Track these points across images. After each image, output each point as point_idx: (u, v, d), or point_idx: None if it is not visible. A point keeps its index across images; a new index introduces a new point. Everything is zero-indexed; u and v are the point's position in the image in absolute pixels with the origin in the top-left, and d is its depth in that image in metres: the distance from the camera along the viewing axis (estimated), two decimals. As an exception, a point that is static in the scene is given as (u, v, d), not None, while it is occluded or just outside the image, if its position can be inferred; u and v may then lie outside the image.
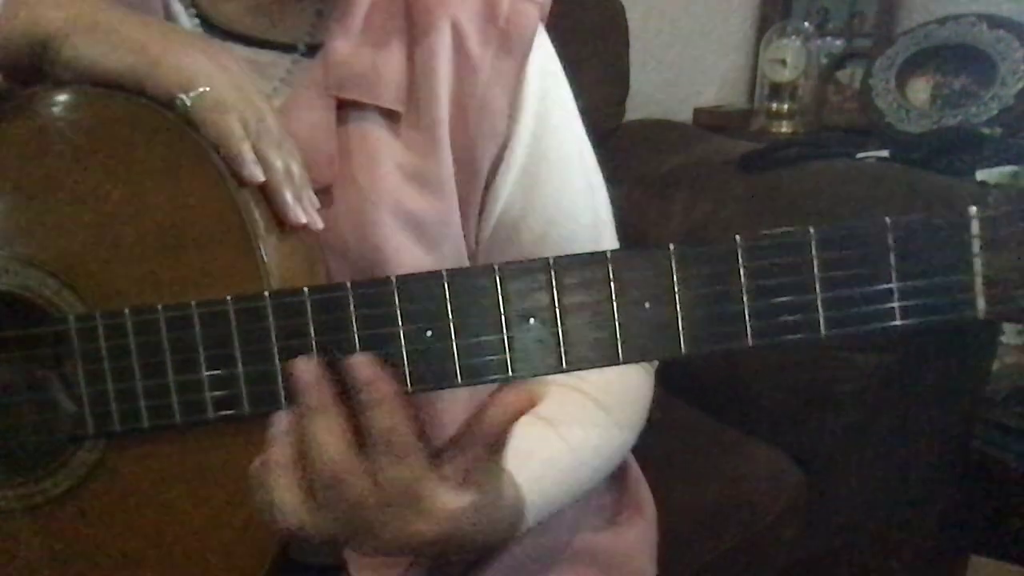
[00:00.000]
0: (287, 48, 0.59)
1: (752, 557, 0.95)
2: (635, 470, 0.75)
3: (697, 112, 1.79)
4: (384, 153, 0.56)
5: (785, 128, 1.67)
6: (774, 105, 1.69)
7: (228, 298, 0.45)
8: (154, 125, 0.48)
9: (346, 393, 0.43)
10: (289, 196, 0.48)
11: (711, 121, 1.74)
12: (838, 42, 1.73)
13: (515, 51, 0.58)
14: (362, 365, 0.42)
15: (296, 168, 0.49)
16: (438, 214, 0.58)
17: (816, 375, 1.00)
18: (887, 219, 0.40)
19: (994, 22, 1.37)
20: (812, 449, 1.03)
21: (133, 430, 0.47)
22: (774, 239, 0.41)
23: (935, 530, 1.24)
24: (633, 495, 0.73)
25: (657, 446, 0.68)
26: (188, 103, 0.46)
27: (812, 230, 0.41)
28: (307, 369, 0.42)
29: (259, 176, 0.47)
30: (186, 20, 0.58)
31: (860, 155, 1.26)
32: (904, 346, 0.98)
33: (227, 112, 0.46)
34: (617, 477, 0.71)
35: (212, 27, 0.59)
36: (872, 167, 1.20)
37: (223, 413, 0.46)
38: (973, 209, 0.40)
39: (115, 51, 0.47)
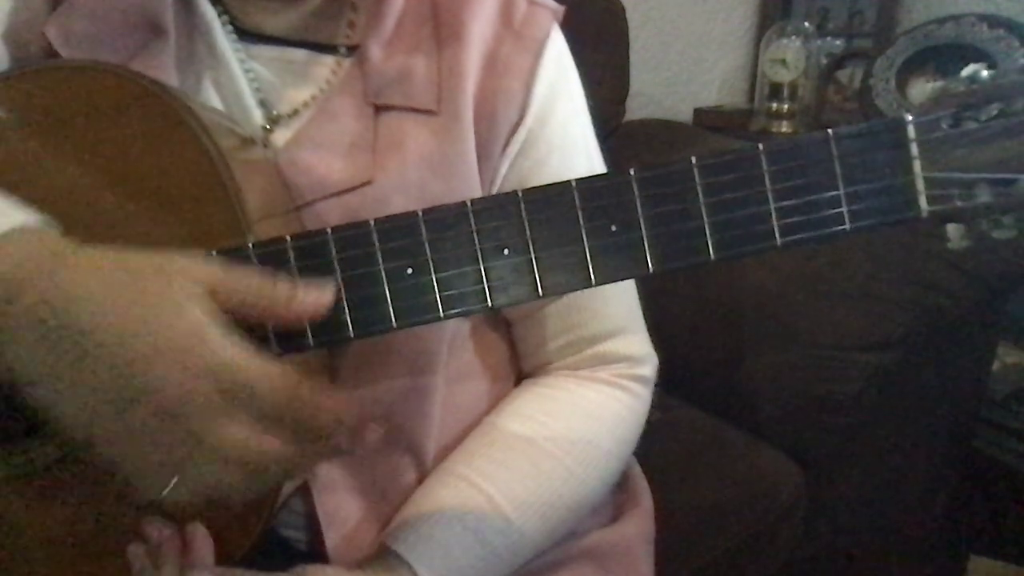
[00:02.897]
0: (328, 48, 0.61)
1: (752, 557, 0.95)
2: (634, 467, 0.75)
3: (697, 112, 1.79)
4: (412, 146, 0.58)
5: (785, 128, 1.67)
6: (774, 105, 1.69)
7: (213, 251, 0.45)
8: (133, 93, 0.49)
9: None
10: None
11: (711, 121, 1.74)
12: (838, 42, 1.72)
13: (529, 49, 0.62)
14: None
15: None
16: (461, 199, 0.59)
17: (816, 375, 1.00)
18: (829, 130, 0.43)
19: (994, 22, 1.36)
20: (812, 449, 1.03)
21: None
22: (727, 156, 0.44)
23: (935, 530, 1.24)
24: (632, 491, 0.73)
25: (657, 446, 0.68)
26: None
27: (761, 145, 0.43)
28: (161, 528, 0.50)
29: None
30: (219, 27, 0.58)
31: (860, 155, 1.26)
32: (904, 346, 0.98)
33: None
34: (620, 481, 0.71)
35: (245, 32, 0.60)
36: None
37: None
38: (909, 116, 0.43)
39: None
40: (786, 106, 1.68)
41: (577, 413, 0.63)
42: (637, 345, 0.67)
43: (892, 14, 1.68)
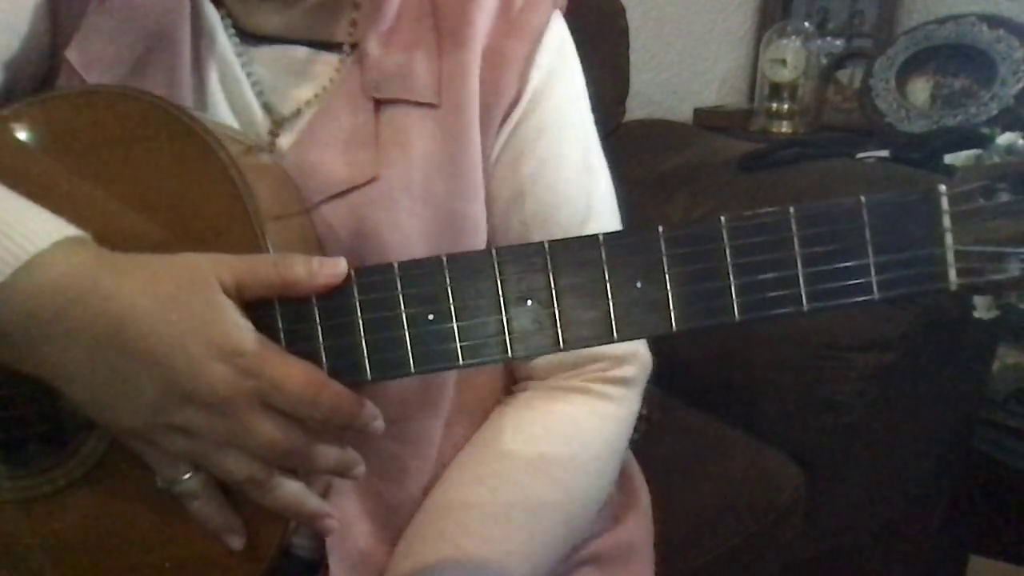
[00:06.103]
0: (330, 46, 0.60)
1: (752, 557, 0.95)
2: (633, 466, 0.75)
3: (697, 112, 1.79)
4: (415, 144, 0.58)
5: (785, 128, 1.67)
6: (774, 105, 1.69)
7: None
8: (162, 121, 0.49)
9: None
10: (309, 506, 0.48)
11: (711, 121, 1.74)
12: (838, 42, 1.72)
13: (526, 38, 0.61)
14: None
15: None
16: (465, 197, 0.59)
17: (816, 375, 1.00)
18: (862, 197, 0.42)
19: (994, 22, 1.37)
20: (812, 449, 1.03)
21: None
22: (757, 218, 0.43)
23: (935, 530, 1.24)
24: (632, 491, 0.73)
25: (657, 446, 0.68)
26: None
27: (792, 209, 0.43)
28: None
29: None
30: (221, 29, 0.58)
31: (860, 155, 1.26)
32: (904, 346, 0.98)
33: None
34: (619, 481, 0.71)
35: (246, 34, 0.59)
36: (872, 167, 1.20)
37: None
38: (942, 187, 0.42)
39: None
40: (786, 106, 1.68)
41: (566, 439, 0.61)
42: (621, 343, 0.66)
43: (892, 14, 1.68)
